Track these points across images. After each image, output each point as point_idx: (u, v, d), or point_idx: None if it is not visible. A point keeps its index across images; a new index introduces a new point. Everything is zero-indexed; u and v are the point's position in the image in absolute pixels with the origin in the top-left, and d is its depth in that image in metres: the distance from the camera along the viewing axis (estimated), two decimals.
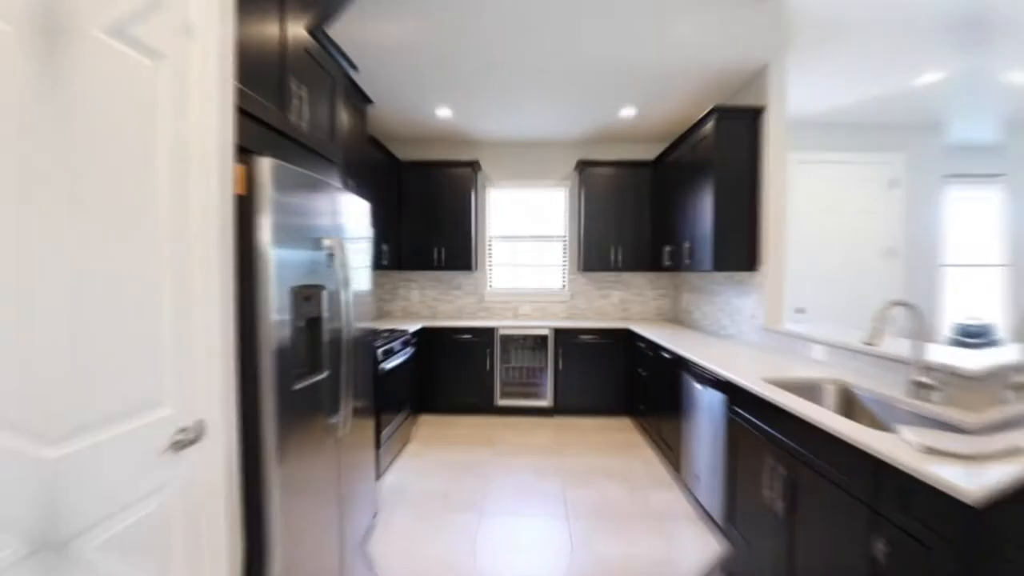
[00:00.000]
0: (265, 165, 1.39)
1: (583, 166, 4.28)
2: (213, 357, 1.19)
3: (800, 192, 3.98)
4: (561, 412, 4.16)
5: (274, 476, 1.41)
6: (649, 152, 4.59)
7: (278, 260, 1.42)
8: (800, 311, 3.99)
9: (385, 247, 3.95)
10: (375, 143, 3.66)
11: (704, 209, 3.13)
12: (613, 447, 3.39)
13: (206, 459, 1.19)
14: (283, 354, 1.45)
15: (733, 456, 2.03)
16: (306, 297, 1.59)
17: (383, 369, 2.82)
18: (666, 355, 3.02)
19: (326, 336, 1.72)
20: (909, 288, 4.02)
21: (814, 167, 4.00)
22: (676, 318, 4.57)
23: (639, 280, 4.64)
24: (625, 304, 4.65)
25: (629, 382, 4.05)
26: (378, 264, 3.81)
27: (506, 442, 3.48)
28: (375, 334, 3.21)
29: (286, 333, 1.46)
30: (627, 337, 4.05)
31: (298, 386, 1.54)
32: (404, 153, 4.67)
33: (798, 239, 3.95)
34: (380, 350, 2.86)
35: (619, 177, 4.27)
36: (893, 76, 3.05)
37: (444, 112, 3.74)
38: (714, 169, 2.98)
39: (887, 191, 4.03)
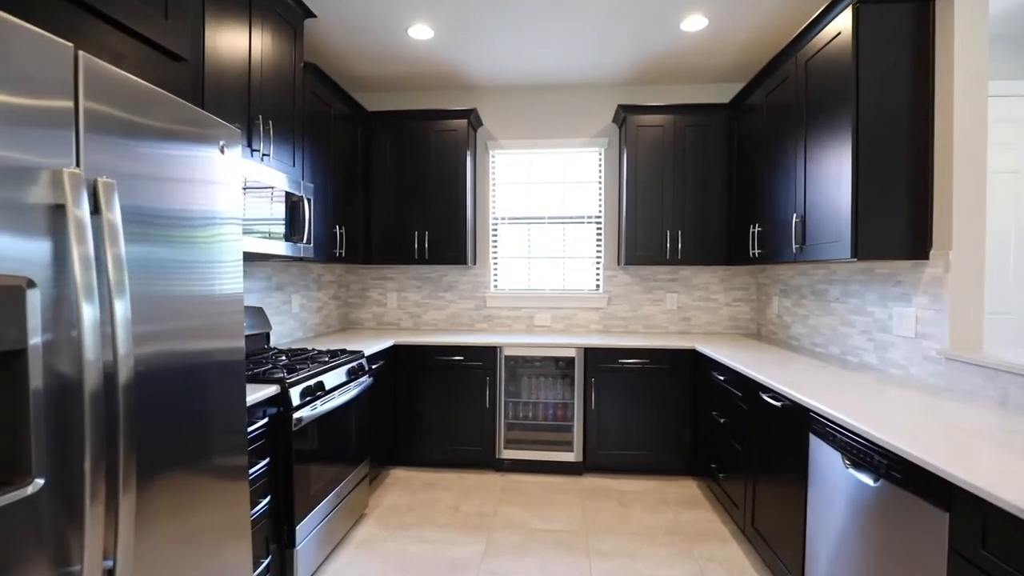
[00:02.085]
0: None
1: (626, 114, 3.31)
2: None
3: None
4: (594, 470, 3.19)
5: None
6: (722, 93, 3.58)
7: None
8: None
9: (341, 231, 3.08)
10: (323, 79, 2.80)
11: (832, 166, 2.13)
12: (676, 537, 2.41)
13: None
14: None
15: None
16: None
17: (300, 421, 1.93)
18: (770, 399, 2.02)
19: (42, 386, 0.83)
20: None
21: None
22: (760, 332, 3.53)
23: (705, 277, 3.63)
24: (685, 312, 3.64)
25: (696, 428, 3.05)
26: (329, 255, 2.94)
27: (509, 523, 2.54)
28: (266, 359, 2.32)
29: None
30: (691, 361, 3.06)
31: None
32: (373, 103, 3.81)
33: None
34: (298, 389, 1.97)
35: (678, 129, 3.29)
36: None
37: (422, 32, 2.84)
38: (852, 98, 1.97)
39: None
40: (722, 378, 2.60)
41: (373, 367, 2.88)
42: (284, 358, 2.36)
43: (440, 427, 3.19)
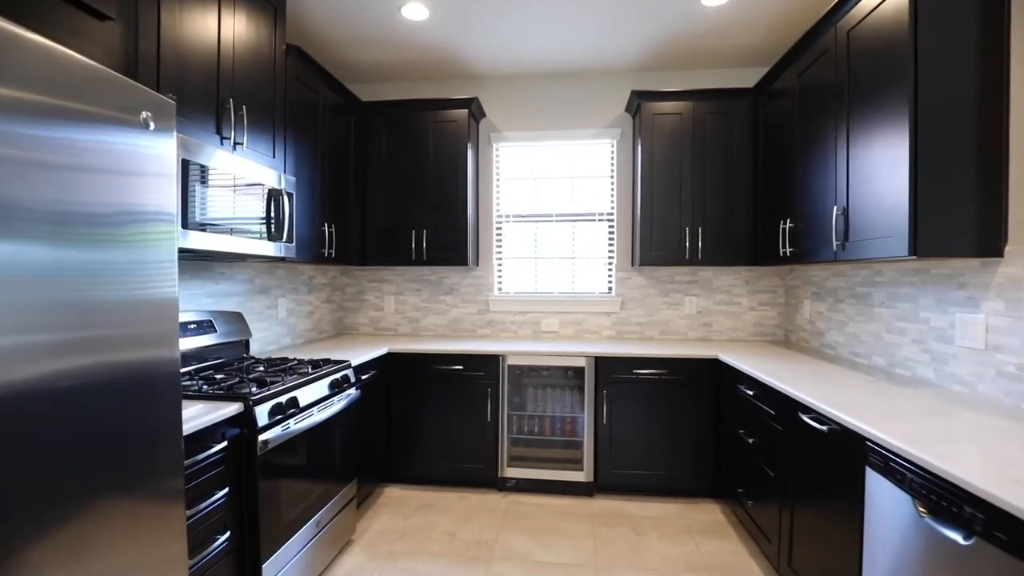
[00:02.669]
0: None
1: (640, 101, 3.04)
2: None
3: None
4: (606, 490, 2.91)
5: None
6: (746, 78, 3.29)
7: None
8: None
9: (330, 229, 2.85)
10: (309, 64, 2.58)
11: (883, 150, 1.83)
12: (700, 574, 2.12)
13: None
14: None
15: None
16: None
17: (266, 444, 1.69)
18: (812, 421, 1.73)
19: None
20: None
21: None
22: (789, 339, 3.22)
23: (728, 279, 3.33)
24: (706, 317, 3.35)
25: (719, 446, 2.75)
26: (316, 255, 2.71)
27: (511, 554, 2.28)
28: (237, 370, 2.08)
29: None
30: (714, 372, 2.77)
31: None
32: (369, 95, 3.58)
33: None
34: (266, 407, 1.73)
35: (698, 117, 3.00)
36: None
37: (416, 12, 2.60)
38: (909, 71, 1.68)
39: None
40: (750, 392, 2.30)
41: (363, 377, 2.63)
42: (260, 369, 2.12)
43: (438, 442, 2.93)
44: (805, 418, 1.75)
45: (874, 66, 1.87)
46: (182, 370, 2.01)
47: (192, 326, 2.09)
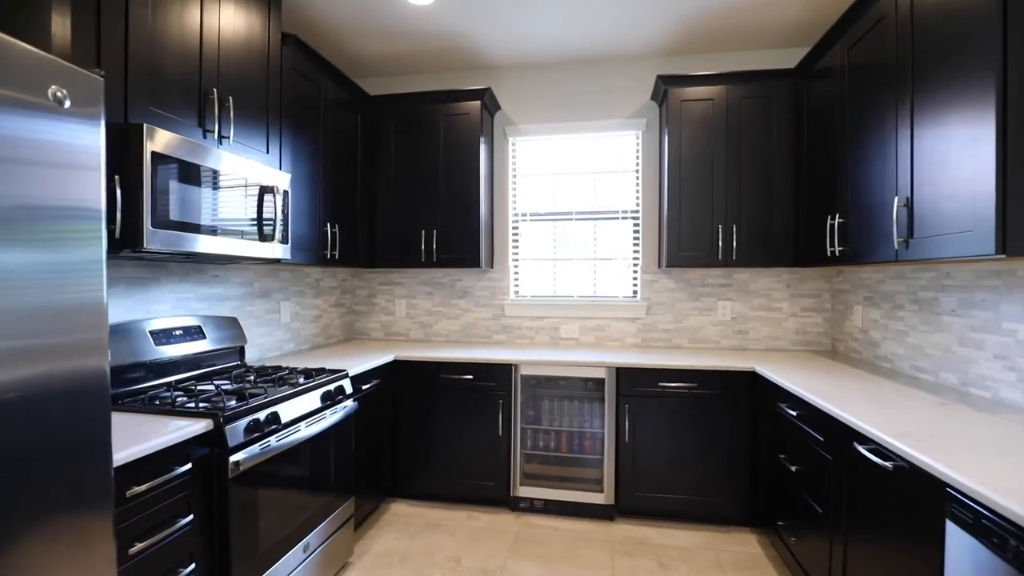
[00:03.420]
0: None
1: (667, 87, 2.77)
2: None
3: None
4: (628, 514, 2.65)
5: None
6: (783, 60, 2.97)
7: None
8: None
9: (334, 229, 2.69)
10: (308, 54, 2.43)
11: (959, 127, 1.52)
12: None
13: None
14: None
15: None
16: None
17: (238, 465, 1.52)
18: (870, 454, 1.43)
19: None
20: None
21: None
22: (836, 349, 2.87)
23: (766, 282, 3.01)
24: (741, 324, 3.03)
25: (756, 470, 2.45)
26: (318, 256, 2.56)
27: None
28: (219, 381, 1.92)
29: None
30: (750, 386, 2.47)
31: None
32: (379, 90, 3.42)
33: None
34: (240, 424, 1.56)
35: (732, 102, 2.71)
36: None
37: None
38: (995, 31, 1.37)
39: None
40: (793, 413, 2.01)
41: (365, 387, 2.46)
42: (249, 379, 1.98)
43: (447, 457, 2.74)
44: (862, 450, 1.46)
45: (946, 30, 1.56)
46: (161, 380, 1.88)
47: (178, 332, 1.96)
